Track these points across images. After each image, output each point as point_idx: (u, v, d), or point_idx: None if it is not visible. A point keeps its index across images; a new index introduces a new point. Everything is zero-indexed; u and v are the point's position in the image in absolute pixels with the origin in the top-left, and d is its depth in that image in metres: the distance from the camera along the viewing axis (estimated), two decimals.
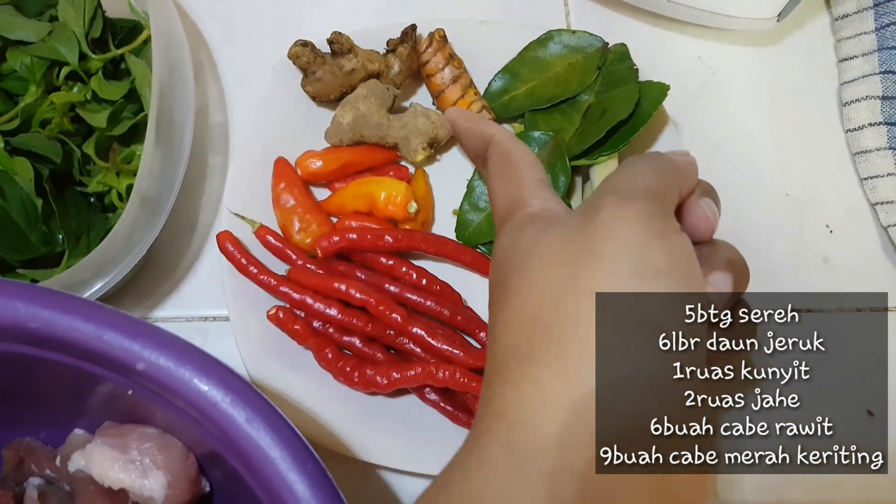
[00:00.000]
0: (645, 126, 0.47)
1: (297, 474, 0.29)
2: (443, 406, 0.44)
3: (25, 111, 0.45)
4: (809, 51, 0.59)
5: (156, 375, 0.29)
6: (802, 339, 0.49)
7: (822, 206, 0.55)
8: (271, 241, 0.46)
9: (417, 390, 0.44)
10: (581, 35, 0.51)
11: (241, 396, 0.29)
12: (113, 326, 0.29)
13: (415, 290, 0.46)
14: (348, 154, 0.49)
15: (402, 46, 0.50)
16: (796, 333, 0.51)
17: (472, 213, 0.49)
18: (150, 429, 0.36)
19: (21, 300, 0.29)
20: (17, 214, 0.43)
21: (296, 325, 0.43)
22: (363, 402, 0.45)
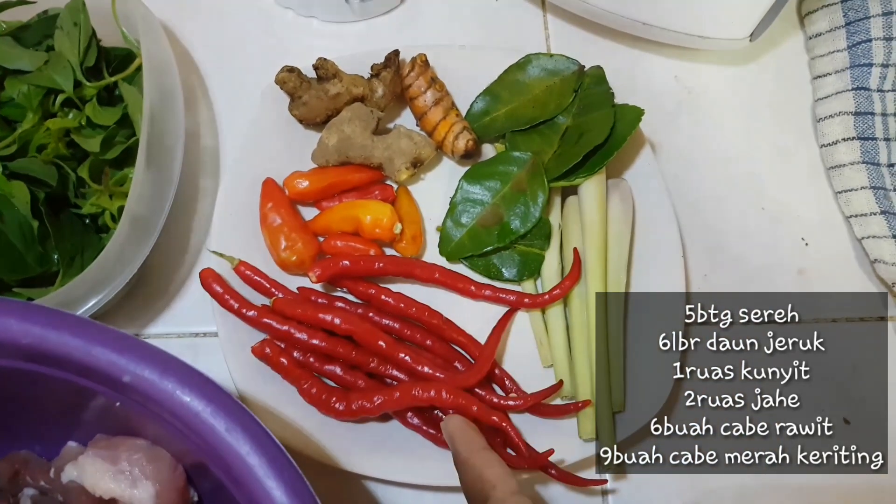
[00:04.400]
0: (619, 150, 0.48)
1: (275, 480, 0.30)
2: (425, 430, 0.45)
3: (23, 137, 0.47)
4: (784, 69, 0.61)
5: (141, 387, 0.31)
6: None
7: (797, 220, 0.56)
8: (251, 276, 0.47)
9: (399, 415, 0.45)
10: (558, 59, 0.53)
11: (222, 406, 0.31)
12: (100, 341, 0.31)
13: (396, 318, 0.47)
14: (334, 174, 0.51)
15: (386, 71, 0.51)
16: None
17: (454, 230, 0.51)
18: (140, 440, 0.38)
19: (14, 317, 0.31)
20: (14, 236, 0.44)
21: (282, 359, 0.45)
22: None
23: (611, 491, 0.48)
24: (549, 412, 0.46)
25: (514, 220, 0.50)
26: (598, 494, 0.48)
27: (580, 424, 0.45)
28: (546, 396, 0.45)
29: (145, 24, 0.47)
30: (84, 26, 0.48)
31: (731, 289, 0.54)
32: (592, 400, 0.45)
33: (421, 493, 0.46)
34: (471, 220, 0.51)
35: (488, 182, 0.51)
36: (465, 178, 0.51)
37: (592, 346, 0.46)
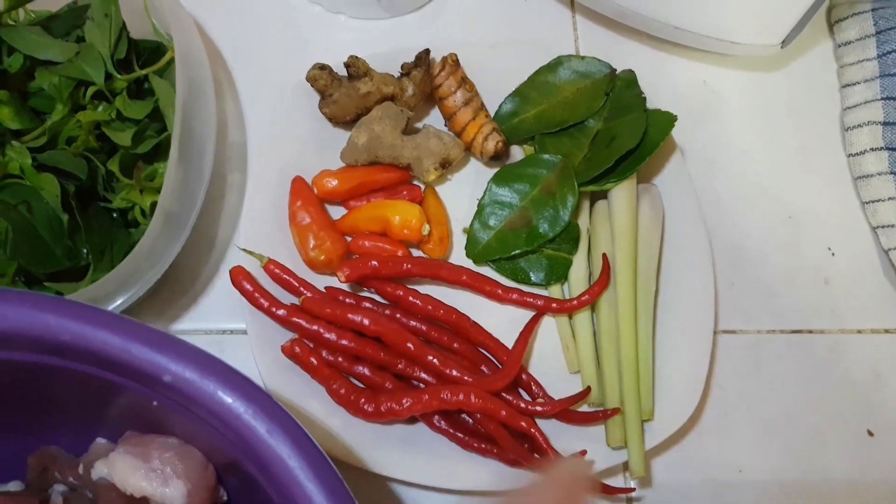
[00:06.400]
0: (652, 155, 0.48)
1: (316, 483, 0.30)
2: (452, 433, 0.45)
3: (52, 129, 0.46)
4: (812, 76, 0.61)
5: (181, 387, 0.31)
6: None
7: (823, 229, 0.56)
8: (280, 274, 0.47)
9: (426, 418, 0.45)
10: (590, 61, 0.53)
11: (263, 408, 0.31)
12: (140, 339, 0.30)
13: (424, 320, 0.47)
14: (363, 173, 0.50)
15: (416, 70, 0.51)
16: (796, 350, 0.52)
17: (481, 232, 0.51)
18: (171, 439, 0.37)
19: (52, 313, 0.31)
20: (43, 229, 0.44)
21: (312, 359, 0.44)
22: None
23: (636, 499, 0.48)
24: (577, 419, 0.45)
25: (542, 223, 0.49)
26: (623, 502, 0.48)
27: (609, 432, 0.45)
28: (574, 403, 0.45)
29: (176, 17, 0.46)
30: (115, 18, 0.48)
31: (757, 297, 0.54)
32: (622, 407, 0.45)
33: (445, 496, 0.46)
34: (498, 223, 0.50)
35: (517, 184, 0.51)
36: (493, 180, 0.51)
37: (622, 353, 0.46)
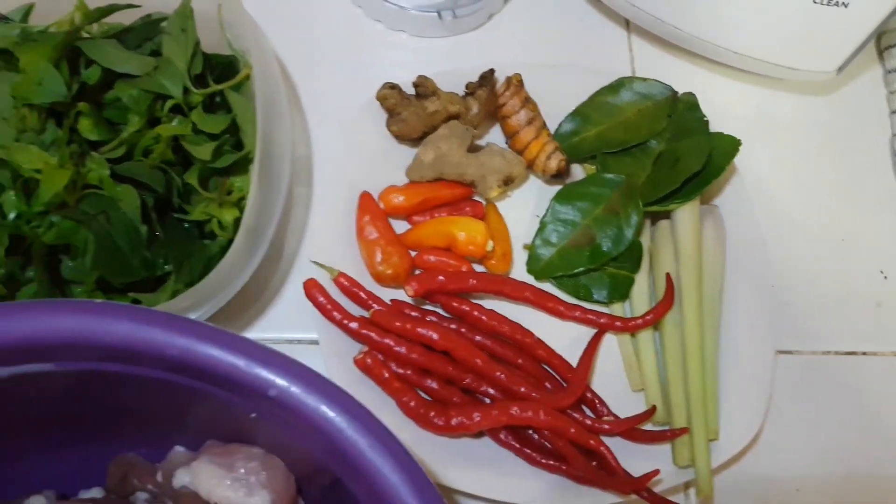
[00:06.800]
0: (717, 178, 0.49)
1: (417, 500, 0.31)
2: (518, 448, 0.45)
3: (129, 141, 0.47)
4: (862, 101, 0.62)
5: (286, 401, 0.31)
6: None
7: (875, 252, 0.57)
8: (349, 287, 0.48)
9: (493, 433, 0.46)
10: (651, 83, 0.54)
11: (365, 423, 0.31)
12: (249, 355, 0.31)
13: (488, 335, 0.48)
14: (428, 190, 0.51)
15: (481, 89, 0.52)
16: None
17: (543, 248, 0.51)
18: (256, 449, 0.38)
19: (161, 328, 0.32)
20: (120, 239, 0.45)
21: (384, 372, 0.45)
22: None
23: None
24: (642, 437, 0.46)
25: (605, 241, 0.50)
26: None
27: (676, 451, 0.46)
28: (641, 422, 0.46)
29: (252, 34, 0.47)
30: (191, 33, 0.49)
31: (812, 318, 0.54)
32: (689, 426, 0.46)
33: None
34: (560, 240, 0.51)
35: (580, 203, 0.51)
36: (556, 198, 0.52)
37: (689, 373, 0.46)
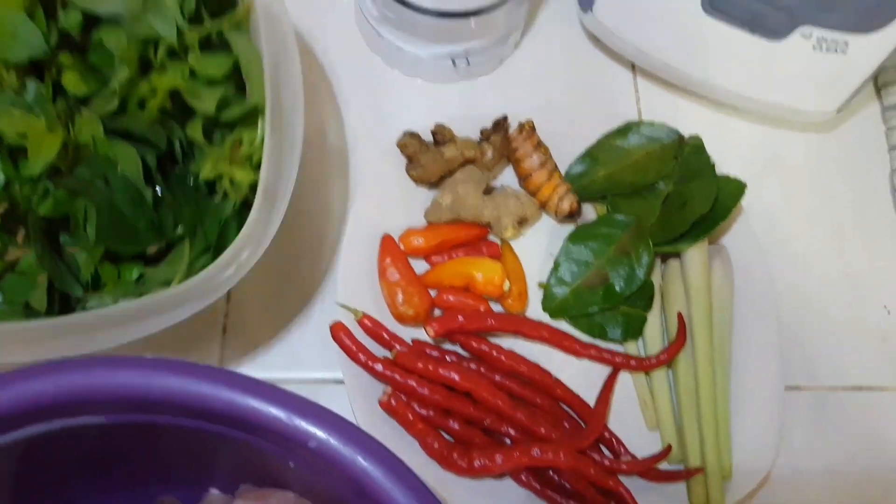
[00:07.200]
0: (724, 220, 0.51)
1: None
2: (538, 488, 0.47)
3: (120, 93, 0.41)
4: (862, 137, 0.64)
5: (324, 452, 0.33)
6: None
7: (878, 286, 0.58)
8: (373, 328, 0.49)
9: (514, 474, 0.47)
10: (658, 126, 0.56)
11: (398, 473, 0.33)
12: (291, 408, 0.33)
13: (508, 375, 0.49)
14: (446, 231, 0.53)
15: (495, 135, 0.54)
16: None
17: (557, 287, 0.53)
18: (289, 493, 0.40)
19: (207, 382, 0.33)
20: (123, 204, 0.40)
21: (408, 414, 0.47)
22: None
23: None
24: (660, 477, 0.47)
25: (618, 281, 0.52)
26: None
27: (692, 491, 0.47)
28: (659, 461, 0.47)
29: None
30: None
31: (819, 353, 0.56)
32: (704, 465, 0.47)
33: None
34: (574, 280, 0.53)
35: (592, 243, 0.53)
36: (569, 239, 0.53)
37: (702, 413, 0.48)
